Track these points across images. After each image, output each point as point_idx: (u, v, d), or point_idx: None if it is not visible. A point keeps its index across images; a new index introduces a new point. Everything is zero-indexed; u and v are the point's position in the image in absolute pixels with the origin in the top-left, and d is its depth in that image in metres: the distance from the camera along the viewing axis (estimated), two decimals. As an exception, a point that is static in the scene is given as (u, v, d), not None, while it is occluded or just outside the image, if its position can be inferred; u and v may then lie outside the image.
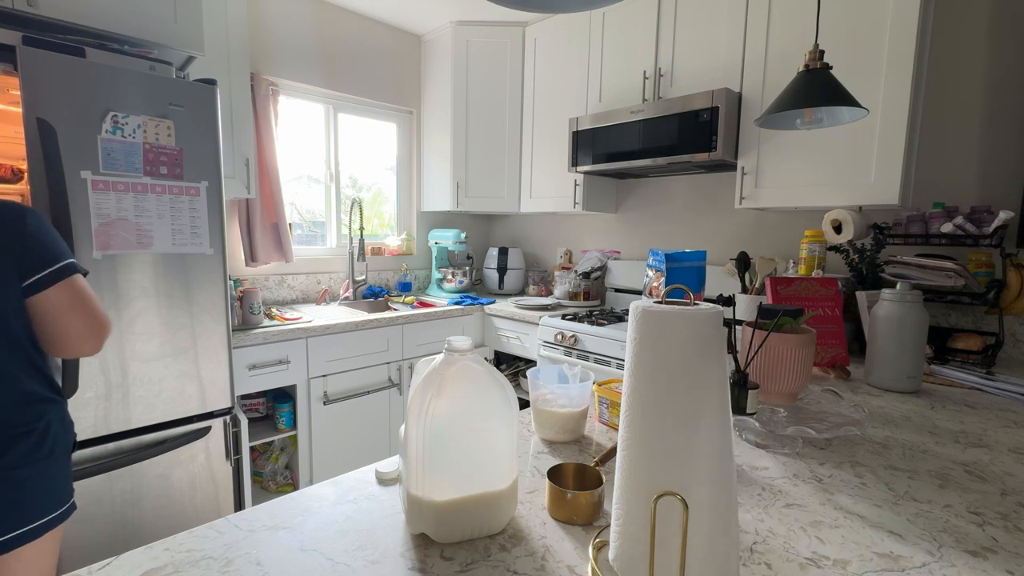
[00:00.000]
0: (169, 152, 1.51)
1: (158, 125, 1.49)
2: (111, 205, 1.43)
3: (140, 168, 1.47)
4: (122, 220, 1.45)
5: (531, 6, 0.81)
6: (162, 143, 1.50)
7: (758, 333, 1.07)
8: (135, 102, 1.45)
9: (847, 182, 1.72)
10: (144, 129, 1.47)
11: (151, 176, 1.49)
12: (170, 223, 1.53)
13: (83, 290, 0.99)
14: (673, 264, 1.35)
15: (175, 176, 1.53)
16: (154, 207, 1.50)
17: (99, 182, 1.41)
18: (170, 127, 1.51)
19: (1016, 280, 1.52)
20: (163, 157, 1.50)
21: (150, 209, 1.50)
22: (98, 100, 1.40)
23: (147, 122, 1.47)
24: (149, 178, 1.49)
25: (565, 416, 0.90)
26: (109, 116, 1.41)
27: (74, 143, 1.37)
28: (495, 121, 2.88)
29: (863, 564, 0.58)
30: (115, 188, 1.43)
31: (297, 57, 2.58)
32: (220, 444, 1.70)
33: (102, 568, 0.55)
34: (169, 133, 1.51)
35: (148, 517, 1.56)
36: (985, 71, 1.70)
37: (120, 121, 1.43)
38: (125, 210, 1.46)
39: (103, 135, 1.41)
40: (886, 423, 1.04)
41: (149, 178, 1.49)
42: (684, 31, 2.13)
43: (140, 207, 1.48)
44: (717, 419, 0.48)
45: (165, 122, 1.50)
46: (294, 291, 2.65)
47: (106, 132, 1.41)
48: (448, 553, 0.59)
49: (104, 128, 1.40)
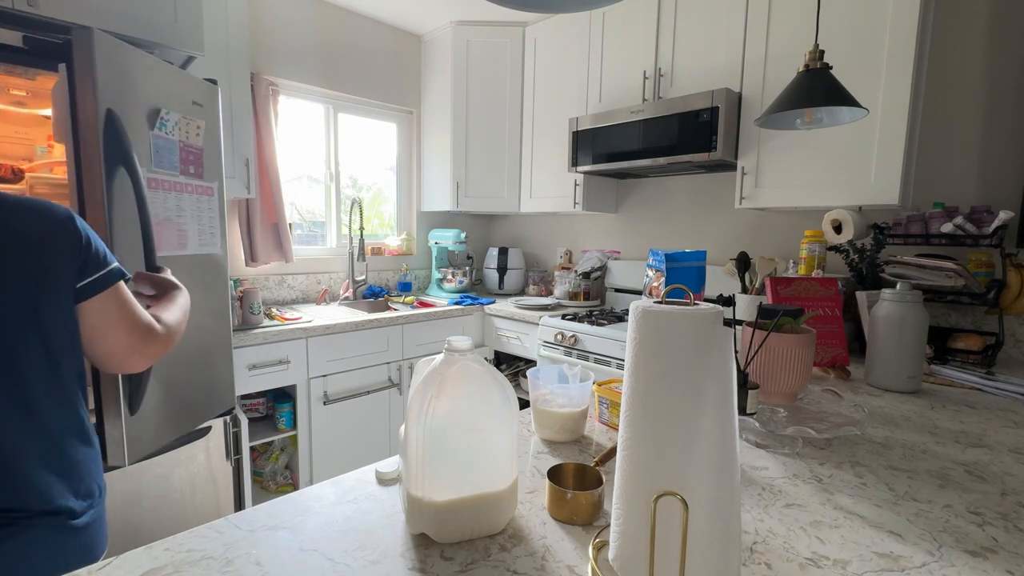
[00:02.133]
0: (195, 151, 1.48)
1: (189, 123, 1.44)
2: (159, 204, 1.37)
3: (177, 167, 1.42)
4: (167, 220, 1.39)
5: (531, 6, 0.80)
6: (191, 142, 1.45)
7: (758, 333, 1.07)
8: (174, 99, 1.41)
9: (847, 182, 1.72)
10: (179, 127, 1.42)
11: (184, 175, 1.45)
12: (196, 223, 1.50)
13: (123, 297, 0.89)
14: (673, 264, 1.35)
15: (199, 175, 1.51)
16: (188, 207, 1.46)
17: (152, 180, 1.35)
18: (200, 127, 1.47)
19: (1016, 280, 1.52)
20: (191, 156, 1.47)
21: (186, 209, 1.45)
22: (149, 94, 1.34)
23: (182, 120, 1.42)
24: (184, 177, 1.44)
25: (565, 416, 0.90)
26: (161, 111, 1.35)
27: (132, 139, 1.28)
28: (495, 121, 2.88)
29: (863, 564, 0.58)
30: (162, 187, 1.38)
31: (297, 57, 2.58)
32: (220, 444, 1.70)
33: (102, 568, 0.55)
34: (198, 132, 1.47)
35: (148, 517, 1.55)
36: (985, 71, 1.69)
37: (165, 118, 1.37)
38: (169, 210, 1.40)
39: (155, 131, 1.34)
40: (886, 423, 1.04)
41: (184, 177, 1.44)
42: (684, 31, 2.13)
43: (180, 207, 1.43)
44: (719, 419, 0.48)
45: (196, 121, 1.46)
46: (294, 291, 2.65)
47: (157, 128, 1.35)
48: (448, 553, 0.59)
49: (156, 123, 1.34)
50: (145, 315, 0.91)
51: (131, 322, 0.88)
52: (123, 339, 0.87)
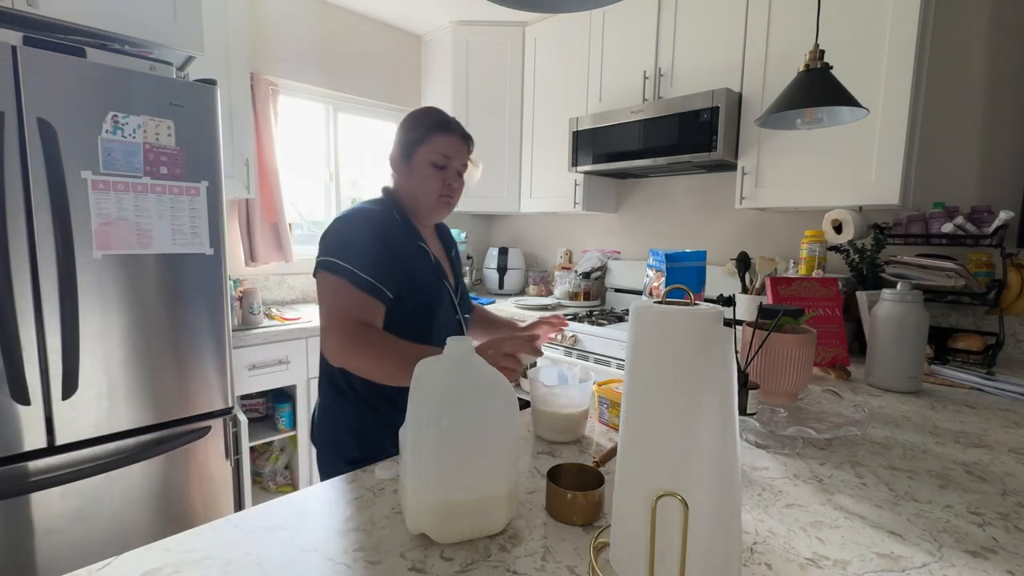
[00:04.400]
0: (169, 152, 1.51)
1: (158, 125, 1.48)
2: (111, 205, 1.43)
3: (140, 168, 1.47)
4: (122, 220, 1.45)
5: (531, 6, 0.80)
6: (162, 143, 1.50)
7: (758, 333, 1.07)
8: (135, 102, 1.45)
9: (847, 182, 1.72)
10: (144, 129, 1.46)
11: (151, 176, 1.49)
12: (170, 223, 1.53)
13: (322, 291, 0.98)
14: (673, 264, 1.36)
15: (175, 176, 1.53)
16: (154, 207, 1.50)
17: (99, 182, 1.40)
18: (170, 127, 1.51)
19: (1016, 280, 1.52)
20: (163, 157, 1.50)
21: (150, 209, 1.49)
22: (98, 100, 1.39)
23: (147, 122, 1.47)
24: (149, 178, 1.48)
25: (565, 416, 0.90)
26: (109, 116, 1.40)
27: (74, 143, 1.36)
28: (495, 121, 2.88)
29: (863, 564, 0.58)
30: (115, 188, 1.43)
31: (297, 57, 2.58)
32: (220, 444, 1.70)
33: (102, 568, 0.55)
34: (169, 133, 1.51)
35: (148, 517, 1.55)
36: (985, 71, 1.69)
37: (120, 121, 1.42)
38: (125, 210, 1.45)
39: (103, 135, 1.40)
40: (886, 423, 1.04)
41: (149, 178, 1.48)
42: (684, 31, 2.13)
43: (140, 207, 1.48)
44: (719, 419, 0.48)
45: (165, 122, 1.50)
46: (294, 291, 2.65)
47: (106, 132, 1.41)
48: (448, 553, 0.59)
49: (104, 128, 1.40)
50: (331, 315, 0.96)
51: (322, 312, 0.98)
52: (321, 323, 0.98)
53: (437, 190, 1.08)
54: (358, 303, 0.95)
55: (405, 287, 1.02)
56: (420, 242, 1.08)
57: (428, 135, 1.06)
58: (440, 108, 1.13)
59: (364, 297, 0.95)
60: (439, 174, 1.07)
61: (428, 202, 1.09)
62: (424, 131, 1.06)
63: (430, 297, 1.07)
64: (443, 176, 1.07)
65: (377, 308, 0.98)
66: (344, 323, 0.93)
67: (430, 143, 1.06)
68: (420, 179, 1.07)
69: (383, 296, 0.98)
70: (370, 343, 0.92)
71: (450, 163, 1.07)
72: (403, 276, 1.02)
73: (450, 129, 1.07)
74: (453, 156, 1.07)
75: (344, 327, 0.93)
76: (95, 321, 1.42)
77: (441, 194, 1.08)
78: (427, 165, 1.06)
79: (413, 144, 1.07)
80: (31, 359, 1.34)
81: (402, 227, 1.07)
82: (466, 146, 1.10)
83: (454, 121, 1.10)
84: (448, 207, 1.12)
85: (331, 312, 0.96)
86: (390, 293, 0.99)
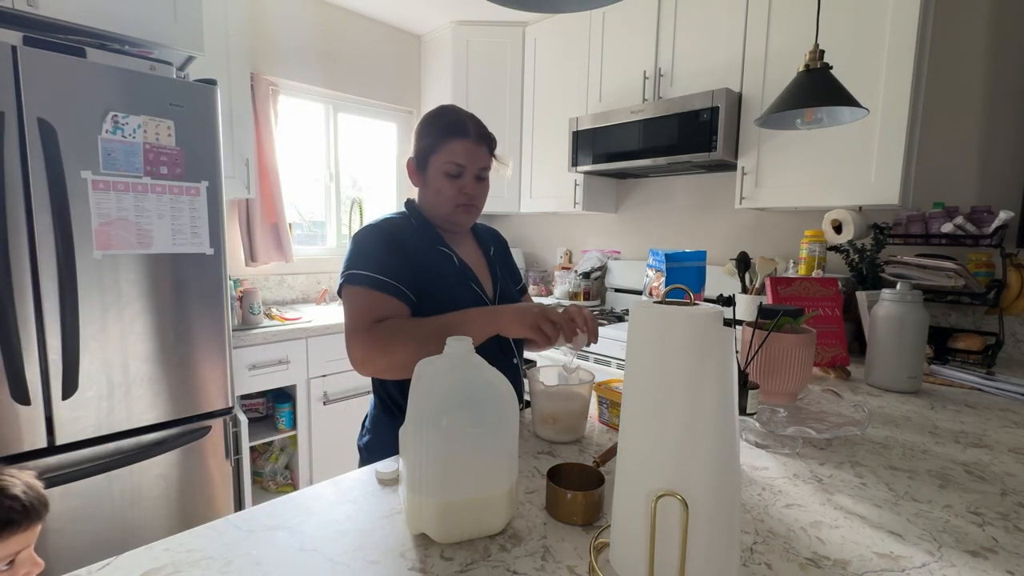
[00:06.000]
0: (169, 152, 1.51)
1: (158, 125, 1.49)
2: (111, 205, 1.43)
3: (140, 168, 1.47)
4: (122, 220, 1.45)
5: (531, 6, 0.80)
6: (162, 143, 1.50)
7: (758, 333, 1.07)
8: (136, 102, 1.45)
9: (847, 182, 1.72)
10: (144, 129, 1.46)
11: (151, 176, 1.49)
12: (170, 223, 1.53)
13: (344, 306, 0.96)
14: (673, 264, 1.36)
15: (175, 176, 1.53)
16: (154, 207, 1.50)
17: (99, 182, 1.41)
18: (170, 127, 1.51)
19: (1016, 280, 1.52)
20: (163, 157, 1.50)
21: (150, 209, 1.50)
22: (98, 100, 1.39)
23: (147, 122, 1.47)
24: (149, 178, 1.49)
25: (565, 416, 0.90)
26: (109, 116, 1.41)
27: (74, 143, 1.37)
28: (495, 121, 2.86)
29: (863, 564, 0.58)
30: (115, 188, 1.43)
31: (297, 57, 2.58)
32: (220, 444, 1.70)
33: (102, 568, 0.55)
34: (169, 133, 1.51)
35: (148, 517, 1.56)
36: (985, 71, 1.69)
37: (120, 121, 1.43)
38: (125, 210, 1.46)
39: (103, 135, 1.40)
40: (886, 423, 1.04)
41: (149, 178, 1.49)
42: (684, 31, 2.13)
43: (140, 207, 1.48)
44: (719, 419, 0.48)
45: (165, 122, 1.50)
46: (294, 291, 2.65)
47: (106, 132, 1.41)
48: (448, 553, 0.59)
49: (104, 128, 1.40)
50: (353, 325, 0.93)
51: (345, 325, 0.96)
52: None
53: (453, 199, 1.01)
54: (374, 303, 0.92)
55: (424, 290, 0.98)
56: (441, 246, 1.04)
57: (440, 143, 1.00)
58: (455, 107, 1.06)
59: (380, 296, 0.92)
60: (454, 183, 1.00)
61: (444, 211, 1.03)
62: (435, 138, 1.00)
63: (453, 302, 1.00)
64: (458, 184, 1.01)
65: (397, 306, 0.94)
66: (359, 328, 0.91)
67: (443, 151, 1.00)
68: (435, 191, 1.02)
69: (401, 293, 0.94)
70: (391, 339, 0.89)
71: (465, 170, 1.01)
72: (420, 278, 0.98)
73: (464, 133, 1.00)
74: (468, 162, 1.00)
75: (358, 332, 0.90)
76: (95, 321, 1.42)
77: (458, 203, 1.02)
78: (440, 175, 1.00)
79: (426, 153, 1.02)
80: (31, 359, 1.34)
81: (419, 231, 1.03)
82: (485, 147, 1.03)
83: (471, 121, 1.03)
84: (469, 213, 1.05)
85: (347, 322, 0.93)
86: (408, 291, 0.95)
